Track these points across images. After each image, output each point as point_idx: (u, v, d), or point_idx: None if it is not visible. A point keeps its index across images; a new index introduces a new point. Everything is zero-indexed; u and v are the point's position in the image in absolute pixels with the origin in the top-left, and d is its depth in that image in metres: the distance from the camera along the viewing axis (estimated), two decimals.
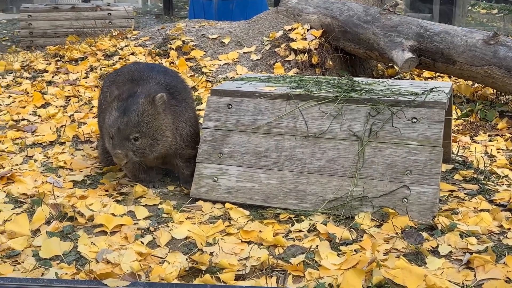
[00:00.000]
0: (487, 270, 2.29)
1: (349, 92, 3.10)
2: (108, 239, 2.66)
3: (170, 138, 3.13)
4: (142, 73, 3.43)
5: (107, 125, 3.08)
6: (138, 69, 3.52)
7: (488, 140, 4.18)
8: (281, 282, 2.28)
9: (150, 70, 3.47)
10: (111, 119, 3.04)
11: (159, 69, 3.57)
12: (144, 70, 3.48)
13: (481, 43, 4.63)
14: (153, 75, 3.39)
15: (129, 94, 3.09)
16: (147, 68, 3.52)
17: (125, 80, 3.44)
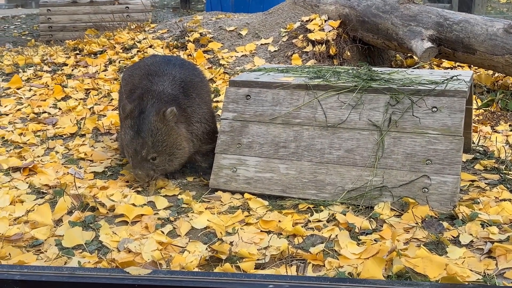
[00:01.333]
0: (509, 259, 2.27)
1: (368, 81, 3.08)
2: (129, 228, 2.69)
3: (186, 147, 3.18)
4: (158, 67, 3.43)
5: (124, 143, 3.16)
6: (154, 63, 3.50)
7: (509, 130, 4.13)
8: (301, 271, 2.29)
9: (166, 64, 3.46)
10: (127, 138, 3.11)
11: (176, 62, 3.56)
12: (160, 64, 3.46)
13: (502, 31, 4.56)
14: (168, 70, 3.38)
15: (140, 110, 3.10)
16: (164, 62, 3.49)
17: (141, 75, 3.46)
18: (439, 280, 2.11)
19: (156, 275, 1.95)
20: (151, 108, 3.09)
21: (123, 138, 3.15)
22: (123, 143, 3.19)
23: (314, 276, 2.22)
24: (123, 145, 3.20)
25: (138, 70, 3.56)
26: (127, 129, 3.11)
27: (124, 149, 3.22)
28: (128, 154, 3.15)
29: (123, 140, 3.16)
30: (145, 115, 3.07)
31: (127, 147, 3.12)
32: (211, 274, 1.99)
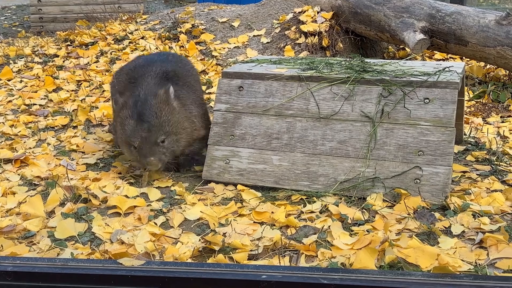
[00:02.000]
0: (500, 249, 2.28)
1: (360, 73, 3.08)
2: (122, 220, 2.69)
3: (188, 128, 3.17)
4: (140, 69, 3.38)
5: (124, 136, 3.04)
6: (137, 66, 3.45)
7: (501, 121, 4.15)
8: (294, 262, 2.29)
9: (148, 65, 3.39)
10: (128, 129, 3.01)
11: (159, 58, 3.52)
12: (142, 66, 3.41)
13: (494, 23, 4.57)
14: (149, 69, 3.32)
15: (135, 98, 3.06)
16: (146, 63, 3.43)
17: (125, 80, 3.41)
18: (431, 270, 2.12)
19: (149, 266, 1.96)
20: (147, 93, 3.04)
21: (124, 131, 3.05)
22: (123, 137, 3.08)
23: (307, 266, 2.23)
24: (124, 139, 3.08)
25: (122, 75, 3.52)
26: (125, 119, 3.03)
27: (124, 143, 3.10)
28: (134, 145, 3.02)
29: (124, 133, 3.05)
30: (143, 100, 3.02)
31: (131, 138, 3.01)
32: (204, 265, 1.99)
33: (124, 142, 3.09)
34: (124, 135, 3.05)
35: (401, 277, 1.83)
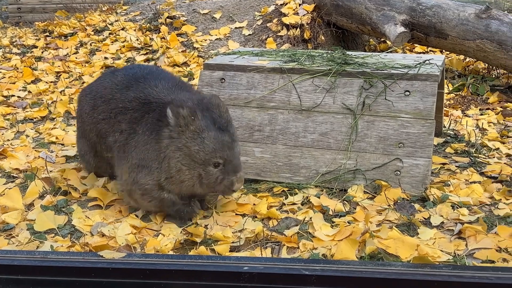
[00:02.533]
0: (478, 240, 2.32)
1: (342, 65, 3.09)
2: (103, 212, 2.67)
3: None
4: (150, 81, 2.77)
5: (203, 155, 2.41)
6: (140, 78, 2.79)
7: (480, 114, 4.21)
8: (276, 253, 2.30)
9: (154, 76, 2.80)
10: (211, 142, 2.41)
11: (147, 70, 2.90)
12: (148, 78, 2.78)
13: (473, 17, 4.62)
14: (163, 76, 2.83)
15: (200, 106, 2.49)
16: (146, 75, 2.81)
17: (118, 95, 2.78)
18: (411, 260, 2.15)
19: (130, 258, 1.95)
20: (211, 100, 2.54)
21: (202, 148, 2.40)
22: (198, 155, 2.41)
23: (288, 258, 2.24)
24: (200, 158, 2.42)
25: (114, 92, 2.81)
26: (201, 133, 2.41)
27: (193, 165, 2.44)
28: (218, 161, 2.44)
29: (203, 150, 2.40)
30: (211, 106, 2.51)
31: (217, 153, 2.42)
32: (186, 257, 1.99)
33: (197, 162, 2.43)
34: (203, 153, 2.41)
35: (381, 268, 1.85)
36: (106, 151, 2.78)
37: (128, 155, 2.58)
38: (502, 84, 4.79)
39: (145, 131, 2.54)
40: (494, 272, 1.75)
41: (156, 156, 2.49)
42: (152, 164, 2.50)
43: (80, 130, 3.01)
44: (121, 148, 2.63)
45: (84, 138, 2.95)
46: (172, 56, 5.28)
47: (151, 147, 2.50)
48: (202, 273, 1.86)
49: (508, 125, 3.90)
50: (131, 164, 2.56)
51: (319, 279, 1.81)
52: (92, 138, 2.85)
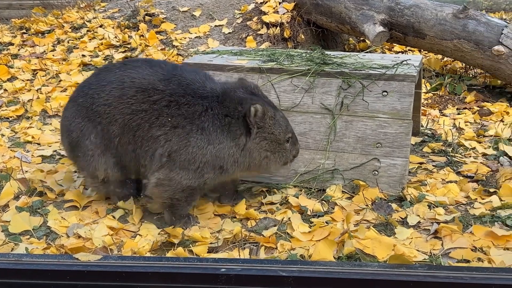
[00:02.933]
0: (454, 239, 2.34)
1: (320, 65, 3.10)
2: (79, 214, 2.64)
3: None
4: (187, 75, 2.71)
5: (283, 134, 2.62)
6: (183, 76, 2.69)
7: (457, 113, 4.25)
8: (254, 254, 2.30)
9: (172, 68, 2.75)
10: (284, 123, 2.64)
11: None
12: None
13: (451, 17, 4.66)
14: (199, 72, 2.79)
15: (254, 94, 2.68)
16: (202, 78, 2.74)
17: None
18: (387, 260, 2.16)
19: (106, 260, 1.92)
20: (248, 86, 2.70)
21: (281, 129, 2.61)
22: (280, 136, 2.61)
23: (266, 259, 2.24)
24: (281, 138, 2.62)
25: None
26: (275, 117, 2.60)
27: (278, 145, 2.63)
28: (290, 136, 2.67)
29: (282, 131, 2.62)
30: (255, 93, 2.68)
31: (288, 129, 2.66)
32: (163, 259, 1.98)
33: (280, 144, 2.62)
34: (283, 133, 2.62)
35: (357, 268, 1.85)
36: (135, 143, 2.58)
37: (193, 152, 2.50)
38: (479, 84, 4.85)
39: (216, 128, 2.54)
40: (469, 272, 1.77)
41: (234, 153, 2.55)
42: (223, 162, 2.55)
43: (85, 126, 2.65)
44: (174, 143, 2.50)
45: (93, 134, 2.64)
46: (151, 54, 5.23)
47: (226, 145, 2.54)
48: (179, 275, 1.84)
49: (484, 125, 3.96)
50: (202, 162, 2.51)
51: (296, 280, 1.81)
52: (112, 132, 2.59)
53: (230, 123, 2.54)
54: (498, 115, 4.12)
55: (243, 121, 2.53)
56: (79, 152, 2.67)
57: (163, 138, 2.51)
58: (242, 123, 2.54)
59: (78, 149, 2.67)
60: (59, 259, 1.99)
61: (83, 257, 1.96)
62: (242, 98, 2.58)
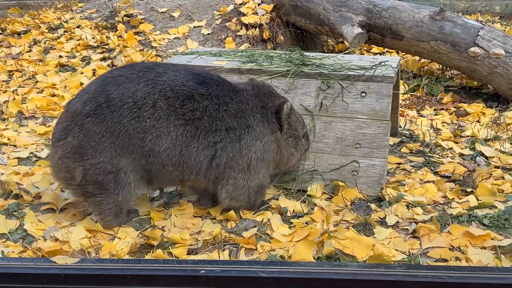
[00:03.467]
0: (432, 238, 2.37)
1: (300, 66, 3.10)
2: (56, 216, 2.60)
3: None
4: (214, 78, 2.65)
5: (302, 129, 2.76)
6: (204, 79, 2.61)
7: (434, 114, 4.30)
8: (234, 255, 2.29)
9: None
10: (300, 118, 2.77)
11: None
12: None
13: (428, 18, 4.72)
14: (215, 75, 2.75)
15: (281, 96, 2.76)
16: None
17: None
18: (367, 260, 2.17)
19: (84, 263, 1.90)
20: (261, 85, 2.74)
21: (302, 123, 2.77)
22: (302, 131, 2.75)
23: (246, 260, 2.23)
24: (303, 133, 2.77)
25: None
26: (297, 114, 2.75)
27: (301, 141, 2.76)
28: (301, 137, 2.76)
29: (303, 127, 2.77)
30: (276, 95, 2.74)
31: (305, 127, 2.80)
32: (142, 261, 1.96)
33: (300, 140, 2.76)
34: (302, 130, 2.75)
35: (337, 268, 1.86)
36: (188, 155, 2.46)
37: (247, 151, 2.53)
38: (455, 85, 4.92)
39: (258, 122, 2.59)
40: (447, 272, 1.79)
41: (274, 148, 2.64)
42: (269, 156, 2.62)
43: (120, 146, 2.40)
44: (229, 151, 2.50)
45: (132, 156, 2.42)
46: (130, 55, 5.19)
47: (269, 139, 2.62)
48: (158, 278, 1.83)
49: (461, 125, 4.01)
50: (255, 159, 2.56)
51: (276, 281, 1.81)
52: (160, 147, 2.43)
53: (267, 114, 2.63)
54: (474, 116, 4.18)
55: (275, 117, 2.64)
56: (107, 179, 2.41)
57: (219, 146, 2.49)
58: (275, 119, 2.64)
59: (104, 175, 2.41)
60: (35, 262, 1.96)
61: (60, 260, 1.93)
62: (273, 93, 2.69)
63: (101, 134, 2.38)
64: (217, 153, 2.49)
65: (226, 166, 2.51)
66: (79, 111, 2.42)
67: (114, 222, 2.52)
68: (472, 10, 9.30)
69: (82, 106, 2.43)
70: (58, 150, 2.43)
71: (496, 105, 4.41)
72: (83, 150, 2.39)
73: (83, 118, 2.40)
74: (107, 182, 2.42)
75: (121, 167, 2.42)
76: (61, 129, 2.45)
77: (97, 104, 2.41)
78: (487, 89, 4.76)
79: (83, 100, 2.45)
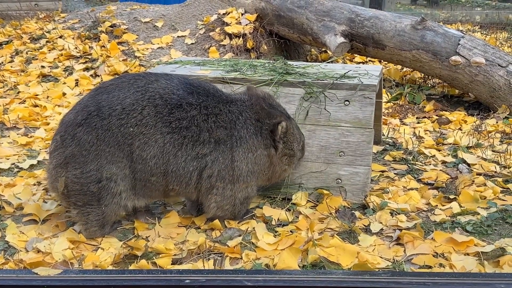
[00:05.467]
0: (416, 245, 2.38)
1: (283, 75, 3.12)
2: (38, 228, 2.57)
3: None
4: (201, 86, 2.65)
5: (299, 146, 2.74)
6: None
7: (417, 122, 4.34)
8: (219, 265, 2.28)
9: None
10: (299, 134, 2.75)
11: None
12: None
13: (410, 28, 4.78)
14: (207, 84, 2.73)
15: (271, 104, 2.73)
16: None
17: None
18: (351, 267, 2.18)
19: (66, 275, 1.88)
20: (262, 94, 2.71)
21: (300, 136, 2.76)
22: (300, 144, 2.75)
23: (230, 269, 2.22)
24: (301, 145, 2.77)
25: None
26: (294, 128, 2.71)
27: (299, 152, 2.76)
28: (299, 149, 2.76)
29: (301, 138, 2.78)
30: (272, 104, 2.72)
31: (302, 138, 2.79)
32: (125, 271, 1.94)
33: (296, 157, 2.75)
34: (297, 146, 2.72)
35: (322, 276, 1.86)
36: (176, 164, 2.45)
37: (238, 165, 2.54)
38: (437, 93, 4.97)
39: (251, 135, 2.59)
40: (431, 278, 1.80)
41: (264, 162, 2.63)
42: (260, 169, 2.62)
43: (111, 152, 2.40)
44: (220, 162, 2.50)
45: (121, 163, 2.41)
46: (113, 64, 5.18)
47: (261, 152, 2.62)
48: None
49: (443, 133, 4.05)
50: (245, 171, 2.57)
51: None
52: (147, 155, 2.42)
53: (262, 128, 2.61)
54: (456, 124, 4.23)
55: (270, 135, 2.62)
56: (97, 188, 2.39)
57: (209, 158, 2.49)
58: (270, 136, 2.62)
59: (95, 185, 2.39)
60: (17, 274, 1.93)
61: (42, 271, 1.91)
62: (271, 109, 2.65)
63: (92, 142, 2.38)
64: (207, 165, 2.49)
65: (218, 177, 2.51)
66: (71, 121, 2.44)
67: (98, 233, 2.50)
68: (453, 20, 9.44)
69: (75, 116, 2.45)
70: (52, 161, 2.45)
71: (478, 113, 4.47)
72: (75, 159, 2.39)
73: (75, 127, 2.41)
74: (98, 192, 2.41)
75: (111, 176, 2.40)
76: (55, 140, 2.47)
77: (88, 113, 2.42)
78: (469, 97, 4.82)
79: (76, 111, 2.47)
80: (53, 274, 1.89)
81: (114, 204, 2.45)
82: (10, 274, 1.94)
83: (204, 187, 2.52)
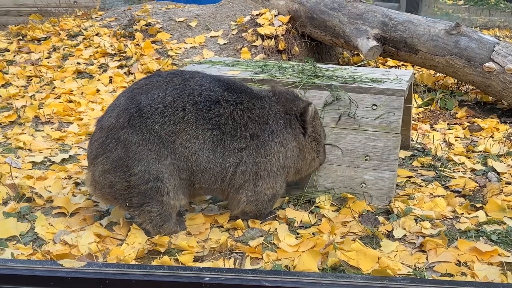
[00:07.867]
0: (438, 253, 2.36)
1: (311, 78, 3.12)
2: (67, 220, 2.64)
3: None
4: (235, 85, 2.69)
5: (323, 136, 2.82)
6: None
7: (447, 128, 4.28)
8: (239, 264, 2.31)
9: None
10: (323, 127, 2.84)
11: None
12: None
13: (443, 33, 4.71)
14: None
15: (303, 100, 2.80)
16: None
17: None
18: (371, 272, 2.17)
19: (90, 267, 1.93)
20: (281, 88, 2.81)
21: (324, 132, 2.85)
22: (323, 140, 2.82)
23: (249, 268, 2.24)
24: (324, 141, 2.84)
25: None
26: (319, 117, 2.82)
27: (322, 148, 2.83)
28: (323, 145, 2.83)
29: (325, 134, 2.86)
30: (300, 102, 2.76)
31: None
32: (147, 267, 1.98)
33: (322, 142, 2.82)
34: (324, 135, 2.83)
35: (340, 280, 1.86)
36: (215, 161, 2.48)
37: (270, 160, 2.58)
38: (470, 100, 4.89)
39: (281, 128, 2.63)
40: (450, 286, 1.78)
41: (296, 153, 2.68)
42: (290, 163, 2.67)
43: (158, 151, 2.42)
44: (254, 157, 2.54)
45: (167, 160, 2.43)
46: (146, 63, 5.26)
47: (292, 145, 2.66)
48: (162, 284, 1.85)
49: (474, 140, 3.98)
50: (276, 166, 2.61)
51: None
52: (189, 151, 2.45)
53: (290, 120, 2.66)
54: (488, 131, 4.15)
55: (298, 121, 2.68)
56: (148, 187, 2.41)
57: (244, 153, 2.52)
58: (298, 122, 2.68)
59: (145, 185, 2.42)
60: (43, 265, 1.99)
61: (67, 263, 1.96)
62: (297, 98, 2.73)
63: (138, 143, 2.40)
64: (242, 159, 2.52)
65: (251, 172, 2.55)
66: (113, 125, 2.43)
67: (166, 228, 2.51)
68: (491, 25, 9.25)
69: (116, 119, 2.44)
70: (98, 167, 2.44)
71: (510, 121, 4.38)
72: (122, 162, 2.40)
73: (119, 130, 2.41)
74: (150, 191, 2.43)
75: (158, 175, 2.42)
76: (97, 146, 2.45)
77: (130, 115, 2.42)
78: (502, 104, 4.73)
79: (115, 114, 2.46)
80: (78, 266, 1.95)
81: (165, 201, 2.46)
82: (36, 264, 2.00)
83: (238, 182, 2.54)
